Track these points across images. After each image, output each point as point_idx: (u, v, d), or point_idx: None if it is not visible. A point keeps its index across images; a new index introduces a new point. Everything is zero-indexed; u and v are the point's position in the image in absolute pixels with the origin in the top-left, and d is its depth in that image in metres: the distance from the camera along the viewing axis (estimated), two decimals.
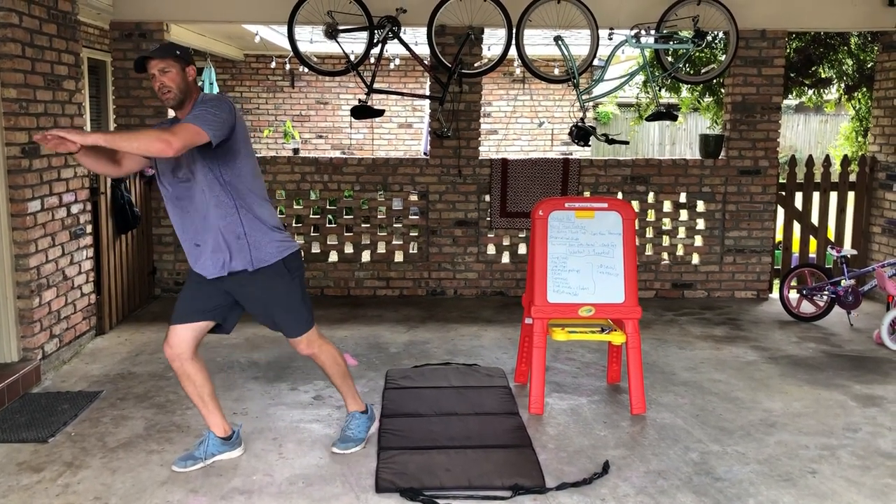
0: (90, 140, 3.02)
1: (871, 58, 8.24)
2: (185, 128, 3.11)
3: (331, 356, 3.73)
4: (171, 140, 3.03)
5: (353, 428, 3.80)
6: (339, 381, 3.79)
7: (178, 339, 3.48)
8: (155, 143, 3.03)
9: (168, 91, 3.29)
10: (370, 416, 3.90)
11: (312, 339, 3.65)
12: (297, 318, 3.58)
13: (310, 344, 3.65)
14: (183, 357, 3.50)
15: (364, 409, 3.87)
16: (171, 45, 3.40)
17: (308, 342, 3.64)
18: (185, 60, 3.33)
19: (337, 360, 3.76)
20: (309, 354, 3.69)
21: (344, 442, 3.76)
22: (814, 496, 3.35)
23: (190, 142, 3.10)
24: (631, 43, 6.27)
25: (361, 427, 3.82)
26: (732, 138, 6.93)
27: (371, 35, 6.06)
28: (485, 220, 6.97)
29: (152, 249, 6.79)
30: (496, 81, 12.92)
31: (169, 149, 3.03)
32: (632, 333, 4.24)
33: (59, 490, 3.36)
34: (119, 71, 6.62)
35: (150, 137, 3.05)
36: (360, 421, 3.83)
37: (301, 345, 3.64)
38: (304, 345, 3.64)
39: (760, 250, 7.05)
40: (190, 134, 3.10)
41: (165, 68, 3.28)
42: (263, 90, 12.87)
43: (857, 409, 4.35)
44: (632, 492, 3.38)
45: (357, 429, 3.80)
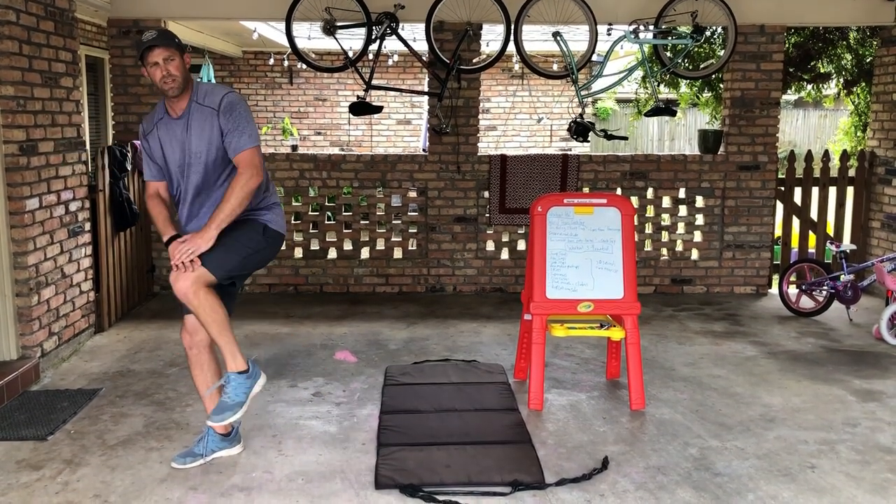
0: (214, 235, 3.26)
1: (870, 52, 8.22)
2: (252, 154, 3.34)
3: (209, 303, 3.26)
4: (254, 173, 3.31)
5: (229, 391, 3.36)
6: (216, 332, 3.31)
7: (196, 327, 3.49)
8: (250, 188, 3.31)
9: (173, 80, 3.31)
10: (251, 375, 3.41)
11: (200, 280, 3.23)
12: (219, 256, 3.28)
13: (195, 282, 3.21)
14: (201, 345, 3.52)
15: (245, 369, 3.39)
16: (169, 33, 3.41)
17: (195, 278, 3.22)
18: (182, 48, 3.38)
19: (216, 308, 3.29)
20: (184, 293, 3.23)
21: (219, 413, 3.34)
22: (813, 491, 3.36)
23: (260, 160, 3.38)
24: (630, 38, 6.26)
25: (240, 389, 3.36)
26: (731, 134, 6.93)
27: (369, 31, 6.05)
28: (484, 217, 6.97)
29: (151, 247, 6.78)
30: (495, 77, 12.90)
31: (259, 179, 3.34)
32: (631, 329, 4.24)
33: (58, 488, 3.36)
34: (117, 68, 6.61)
35: (243, 189, 3.28)
36: (237, 382, 3.37)
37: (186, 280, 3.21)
38: (189, 281, 3.21)
39: (760, 246, 7.04)
40: (256, 154, 3.36)
41: (170, 57, 3.30)
42: (262, 87, 12.85)
43: (856, 404, 4.35)
44: (631, 487, 3.38)
45: (234, 391, 3.35)
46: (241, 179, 3.28)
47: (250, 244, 3.41)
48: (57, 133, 4.99)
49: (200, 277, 3.23)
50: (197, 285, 3.22)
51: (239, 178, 3.29)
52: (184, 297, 3.24)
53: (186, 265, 3.20)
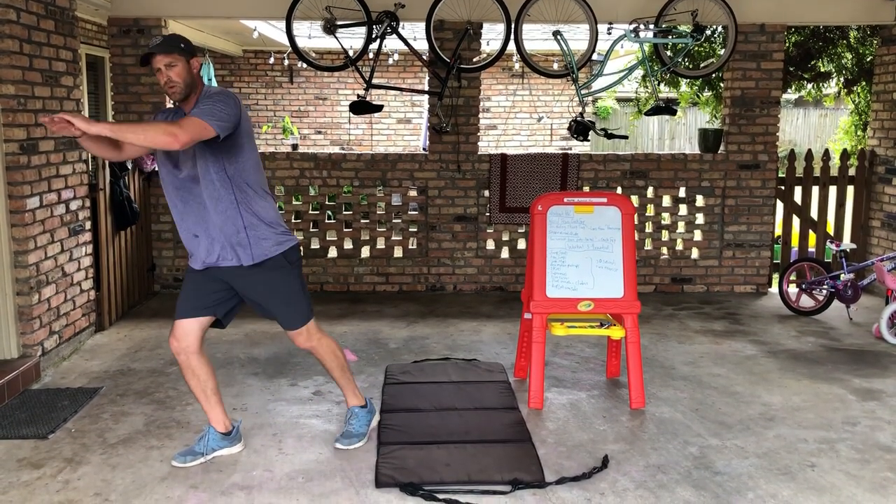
0: (95, 129, 3.00)
1: (870, 52, 8.22)
2: (192, 122, 3.11)
3: (330, 350, 3.71)
4: (177, 133, 3.04)
5: (354, 423, 3.80)
6: (339, 374, 3.77)
7: (184, 333, 3.48)
8: (161, 137, 3.04)
9: (174, 86, 3.28)
10: (370, 410, 3.90)
11: (312, 332, 3.63)
12: (296, 309, 3.56)
13: (309, 337, 3.63)
14: (189, 350, 3.51)
15: (364, 404, 3.88)
16: (176, 38, 3.34)
17: (307, 335, 3.62)
18: (189, 53, 3.32)
19: (336, 353, 3.73)
20: (308, 348, 3.67)
21: (347, 438, 3.75)
22: (813, 490, 3.36)
23: (197, 136, 3.11)
24: (630, 37, 6.26)
25: (363, 422, 3.83)
26: (732, 133, 6.93)
27: (369, 30, 6.05)
28: (484, 216, 6.97)
29: (151, 246, 6.79)
30: (495, 76, 12.90)
31: (175, 142, 3.04)
32: (631, 328, 4.25)
33: (59, 486, 3.36)
34: (117, 67, 6.61)
35: (156, 130, 3.05)
36: (360, 416, 3.83)
37: (300, 337, 3.62)
38: (303, 337, 3.62)
39: (760, 245, 7.05)
40: (197, 128, 3.11)
41: (172, 62, 3.26)
42: (262, 86, 12.85)
43: (856, 403, 4.35)
44: (631, 486, 3.38)
45: (358, 424, 3.81)
46: (163, 127, 3.06)
47: (293, 280, 3.54)
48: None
49: (307, 332, 3.61)
50: (311, 338, 3.63)
51: (164, 124, 3.08)
52: (313, 352, 3.68)
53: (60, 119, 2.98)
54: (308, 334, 3.63)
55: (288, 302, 3.54)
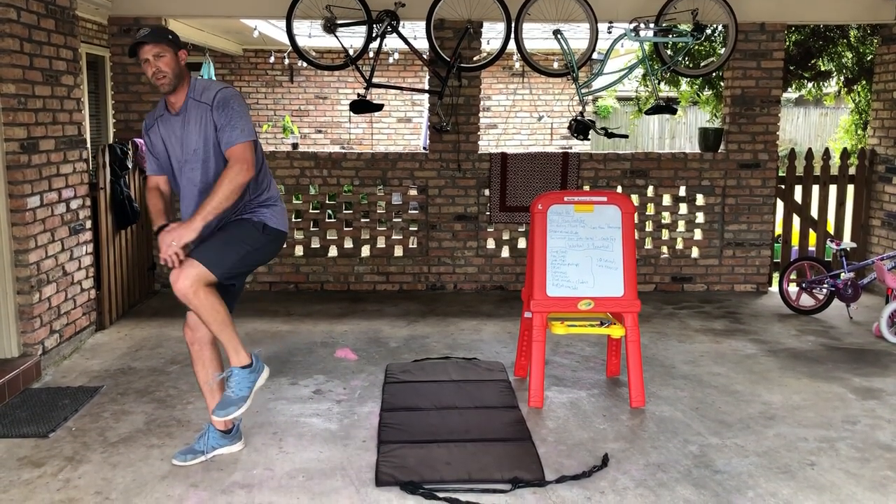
0: (197, 228, 3.22)
1: (870, 51, 8.22)
2: (244, 149, 3.30)
3: (209, 302, 3.26)
4: (244, 169, 3.27)
5: (232, 385, 3.38)
6: (217, 328, 3.31)
7: (198, 323, 3.47)
8: (238, 183, 3.26)
9: (163, 76, 3.31)
10: (254, 369, 3.43)
11: (200, 280, 3.21)
12: (216, 254, 3.28)
13: (194, 282, 3.20)
14: (203, 341, 3.52)
15: (248, 363, 3.42)
16: (163, 30, 3.39)
17: (193, 280, 3.20)
18: (176, 45, 3.36)
19: (217, 309, 3.28)
20: (183, 293, 3.21)
21: (223, 407, 3.36)
22: (813, 488, 3.36)
23: (251, 154, 3.32)
24: (630, 36, 6.26)
25: (243, 383, 3.39)
26: (732, 132, 6.93)
27: (370, 29, 6.05)
28: (484, 215, 6.97)
29: (152, 245, 6.79)
30: (495, 75, 12.90)
31: (249, 174, 3.29)
32: (631, 327, 4.25)
33: (59, 485, 3.36)
34: (118, 66, 6.61)
35: (231, 183, 3.24)
36: (240, 377, 3.39)
37: (185, 279, 3.19)
38: (188, 281, 3.19)
39: (760, 244, 7.05)
40: (248, 149, 3.31)
41: (160, 53, 3.30)
42: (262, 85, 12.86)
43: (856, 402, 4.35)
44: (631, 484, 3.38)
45: (238, 385, 3.38)
46: (231, 173, 3.25)
47: (249, 242, 3.40)
48: (58, 131, 5.00)
49: (200, 276, 3.21)
50: (196, 285, 3.21)
51: (228, 171, 3.26)
52: (184, 297, 3.23)
53: (173, 259, 3.20)
54: (195, 280, 3.20)
55: (223, 244, 3.31)
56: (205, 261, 3.24)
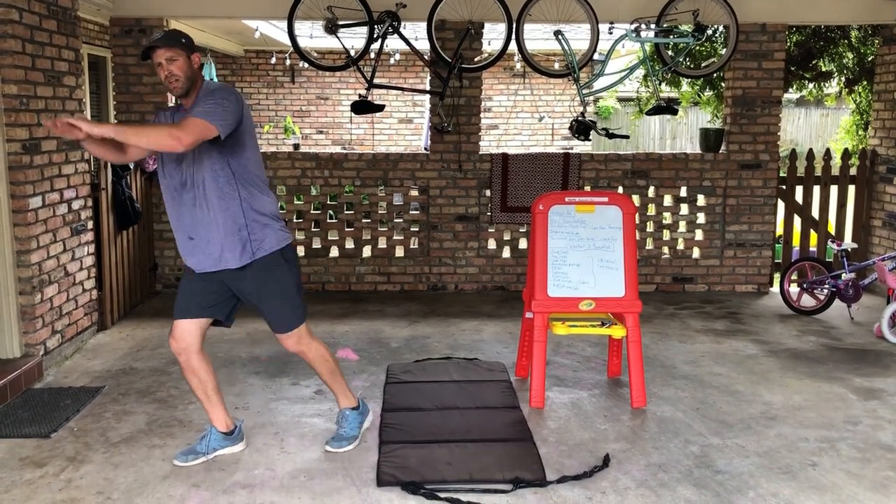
0: (98, 131, 3.02)
1: (871, 51, 8.22)
2: (195, 123, 3.12)
3: (319, 353, 3.65)
4: (181, 136, 3.06)
5: (345, 426, 3.76)
6: (329, 378, 3.72)
7: (184, 333, 3.48)
8: (165, 139, 3.06)
9: (176, 80, 3.28)
10: (362, 412, 3.85)
11: (302, 336, 3.58)
12: (290, 309, 3.51)
13: (299, 340, 3.57)
14: (189, 350, 3.50)
15: (356, 405, 3.82)
16: (177, 33, 3.36)
17: (298, 338, 3.56)
18: (190, 48, 3.33)
19: (325, 357, 3.68)
20: (297, 351, 3.62)
21: (337, 441, 3.72)
22: (814, 489, 3.36)
23: (200, 136, 3.12)
24: (631, 37, 6.26)
25: (354, 424, 3.77)
26: (733, 132, 6.93)
27: (371, 30, 6.06)
28: (485, 215, 6.97)
29: (153, 245, 6.80)
30: (496, 76, 12.91)
31: (179, 144, 3.06)
32: (632, 327, 4.25)
33: (61, 485, 3.37)
34: (119, 67, 6.62)
35: (160, 133, 3.09)
36: (352, 418, 3.78)
37: (290, 341, 3.56)
38: (293, 341, 3.56)
39: (761, 244, 7.05)
40: (200, 129, 3.12)
41: (173, 57, 3.27)
42: (264, 86, 12.87)
43: (857, 402, 4.36)
44: (632, 485, 3.39)
45: (349, 426, 3.76)
46: (166, 128, 3.10)
47: (288, 278, 3.50)
48: None
49: (297, 336, 3.56)
50: (302, 343, 3.59)
51: (168, 126, 3.13)
52: (300, 355, 3.64)
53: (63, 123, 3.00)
54: (298, 338, 3.57)
55: (283, 300, 3.48)
56: (288, 326, 3.53)
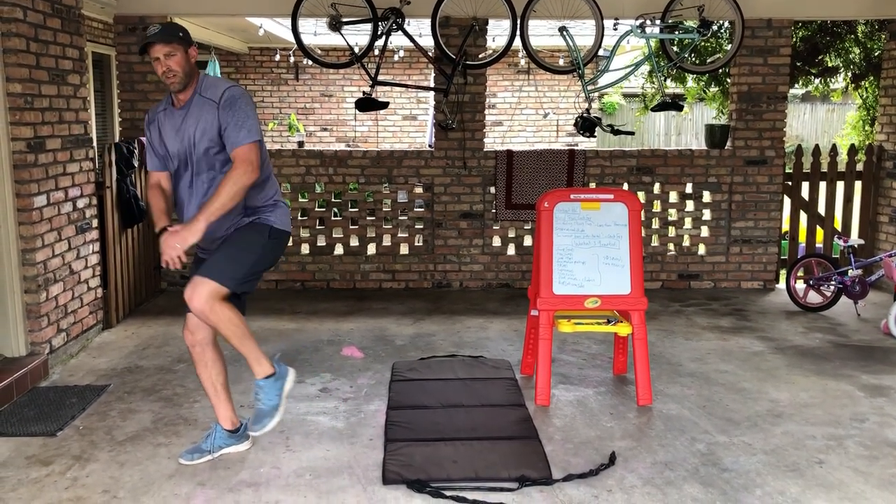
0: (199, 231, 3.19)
1: (878, 46, 8.19)
2: (249, 150, 3.26)
3: (226, 316, 3.25)
4: (248, 170, 3.23)
5: (262, 398, 3.39)
6: (238, 343, 3.32)
7: (198, 325, 3.46)
8: (242, 184, 3.23)
9: (174, 75, 3.29)
10: (280, 375, 3.44)
11: (215, 294, 3.22)
12: (232, 267, 3.27)
13: (210, 296, 3.20)
14: (203, 343, 3.50)
15: (272, 372, 3.41)
16: (174, 27, 3.35)
17: (210, 293, 3.20)
18: (187, 42, 3.34)
19: (234, 321, 3.29)
20: (200, 310, 3.23)
21: (258, 421, 3.39)
22: (821, 486, 3.35)
23: (256, 155, 3.28)
24: (636, 33, 6.24)
25: (271, 392, 3.40)
26: (738, 128, 6.91)
27: (375, 27, 6.05)
28: (490, 212, 6.96)
29: (158, 243, 6.79)
30: (501, 73, 12.88)
31: (253, 176, 3.25)
32: (638, 325, 4.24)
33: (67, 483, 3.37)
34: (123, 65, 6.62)
35: (235, 185, 3.20)
36: (268, 387, 3.40)
37: (202, 289, 3.20)
38: (204, 294, 3.20)
39: (767, 240, 7.02)
40: (253, 151, 3.27)
41: (171, 52, 3.27)
42: (268, 83, 12.87)
43: (864, 400, 4.34)
44: (638, 483, 3.38)
45: (267, 396, 3.39)
46: (235, 174, 3.22)
47: (256, 249, 3.37)
48: (64, 130, 5.00)
49: (213, 292, 3.21)
50: (212, 301, 3.21)
51: (233, 171, 3.23)
52: (201, 315, 3.25)
53: (175, 261, 3.19)
54: (210, 294, 3.20)
55: (232, 255, 3.30)
56: (216, 276, 3.24)
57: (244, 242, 3.36)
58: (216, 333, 3.51)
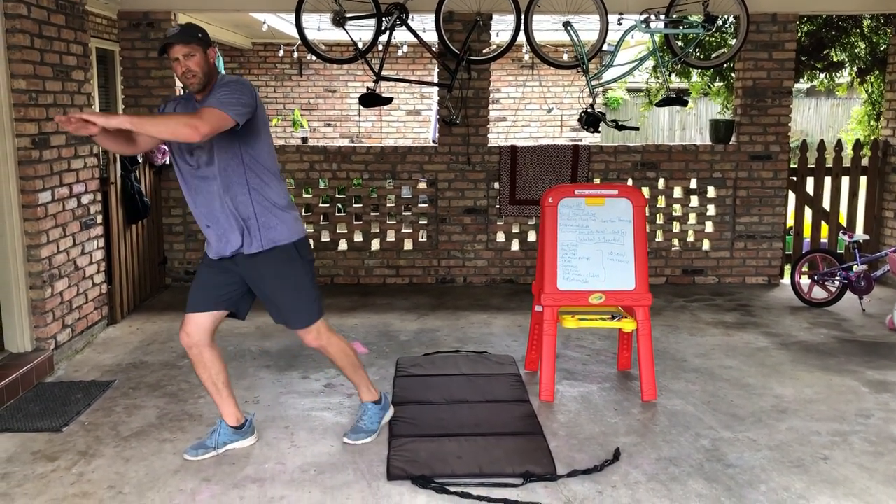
0: (115, 122, 3.01)
1: (883, 40, 8.15)
2: (212, 112, 3.10)
3: (340, 348, 3.66)
4: (198, 126, 3.04)
5: (364, 419, 3.77)
6: (351, 372, 3.74)
7: (195, 327, 3.48)
8: (182, 129, 3.04)
9: (193, 76, 3.26)
10: (383, 407, 3.85)
11: (321, 331, 3.58)
12: (306, 304, 3.51)
13: (318, 335, 3.58)
14: (201, 344, 3.50)
15: (378, 399, 3.83)
16: (193, 28, 3.33)
17: (317, 333, 3.57)
18: (206, 43, 3.31)
19: (346, 351, 3.69)
20: (317, 347, 3.63)
21: (356, 433, 3.73)
22: (826, 482, 3.35)
23: (217, 127, 3.11)
24: (640, 28, 6.22)
25: (374, 418, 3.78)
26: (743, 123, 6.89)
27: (379, 22, 6.03)
28: (494, 208, 6.96)
29: (162, 239, 6.81)
30: (505, 68, 12.86)
31: (196, 134, 3.04)
32: (642, 320, 4.23)
33: (73, 479, 3.38)
34: (127, 61, 6.62)
35: (177, 123, 3.07)
36: (372, 412, 3.79)
37: (309, 336, 3.57)
38: (312, 336, 3.57)
39: (771, 236, 7.01)
40: (216, 119, 3.10)
41: (190, 52, 3.24)
42: (271, 79, 12.86)
43: (869, 395, 4.33)
44: (643, 479, 3.38)
45: (370, 420, 3.77)
46: (183, 118, 3.08)
47: (300, 272, 3.48)
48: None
49: (318, 329, 3.57)
50: (318, 337, 3.59)
51: (184, 115, 3.13)
52: (320, 350, 3.64)
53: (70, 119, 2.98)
54: (318, 333, 3.58)
55: (297, 295, 3.48)
56: (304, 321, 3.54)
57: (289, 279, 3.47)
58: (214, 334, 3.54)
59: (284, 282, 3.47)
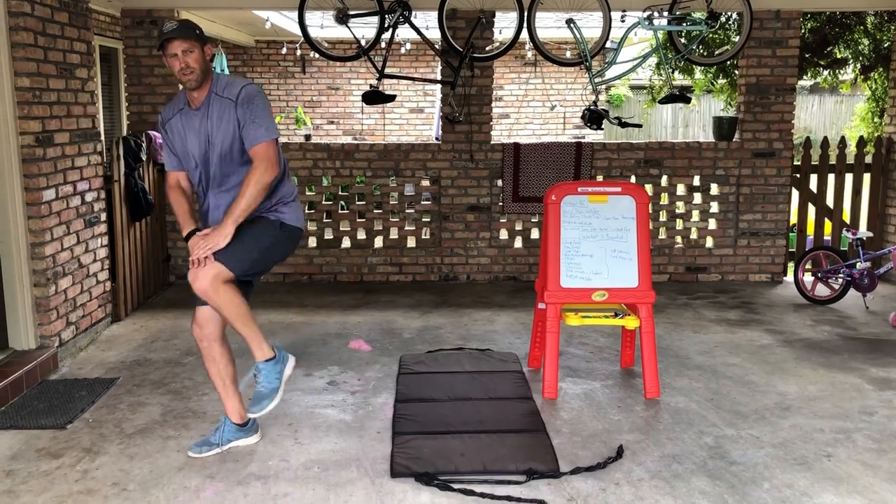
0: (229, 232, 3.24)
1: (887, 37, 8.14)
2: (266, 149, 3.31)
3: (229, 297, 3.28)
4: (267, 171, 3.28)
5: (262, 381, 3.44)
6: (240, 325, 3.34)
7: (207, 319, 3.48)
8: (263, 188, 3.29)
9: (191, 72, 3.28)
10: (279, 360, 3.48)
11: (221, 276, 3.23)
12: (242, 254, 3.28)
13: (215, 277, 3.21)
14: (211, 337, 3.51)
15: (272, 356, 3.46)
16: (191, 24, 3.35)
17: (215, 275, 3.21)
18: (203, 40, 3.34)
19: (236, 301, 3.30)
20: (203, 290, 3.23)
21: (257, 402, 3.41)
22: (829, 480, 3.35)
23: (275, 154, 3.33)
24: (644, 25, 6.21)
25: (271, 375, 3.44)
26: (746, 120, 6.88)
27: (382, 20, 6.03)
28: (497, 205, 6.96)
29: (166, 236, 6.82)
30: (508, 65, 12.85)
31: (271, 175, 3.31)
32: (645, 318, 4.23)
33: (78, 476, 3.39)
34: (131, 58, 6.63)
35: (257, 186, 3.26)
36: (266, 370, 3.44)
37: (208, 271, 3.20)
38: (209, 275, 3.20)
39: (775, 233, 7.00)
40: (272, 151, 3.32)
41: (189, 49, 3.26)
42: (274, 76, 12.86)
43: (872, 393, 4.33)
44: (646, 476, 3.38)
45: (266, 379, 3.43)
46: (256, 174, 3.26)
47: (266, 240, 3.40)
48: (72, 124, 5.02)
49: (219, 275, 3.22)
50: (216, 282, 3.22)
51: (254, 171, 3.27)
52: (204, 295, 3.26)
53: (201, 260, 3.21)
54: (216, 275, 3.21)
55: (239, 243, 3.28)
56: (223, 260, 3.25)
57: (254, 231, 3.38)
58: (224, 328, 3.53)
59: (245, 230, 3.33)
